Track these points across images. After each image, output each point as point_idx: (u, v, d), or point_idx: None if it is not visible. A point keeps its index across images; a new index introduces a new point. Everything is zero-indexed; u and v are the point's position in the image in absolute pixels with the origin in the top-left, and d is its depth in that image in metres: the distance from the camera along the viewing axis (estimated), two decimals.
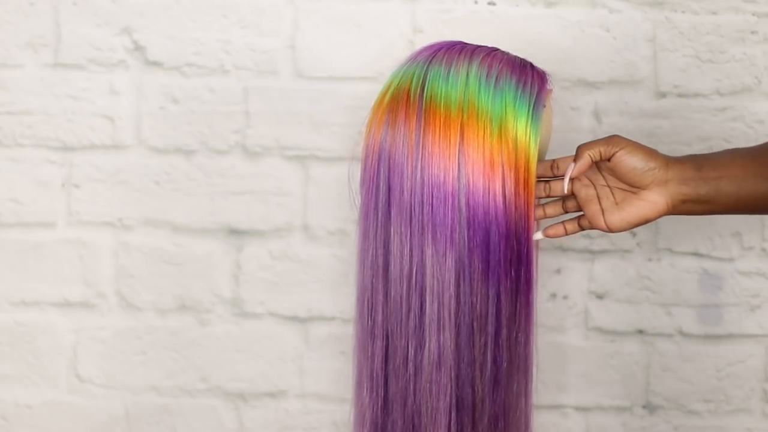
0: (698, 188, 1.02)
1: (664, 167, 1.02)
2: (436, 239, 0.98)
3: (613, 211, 1.03)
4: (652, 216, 1.02)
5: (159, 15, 1.37)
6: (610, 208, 1.03)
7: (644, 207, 1.02)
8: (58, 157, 1.39)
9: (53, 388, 1.41)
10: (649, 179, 1.01)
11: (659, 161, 1.02)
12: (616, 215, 1.03)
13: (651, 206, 1.02)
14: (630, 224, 1.03)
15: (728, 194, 1.02)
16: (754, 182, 1.02)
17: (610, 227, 1.03)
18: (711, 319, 1.38)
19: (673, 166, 1.02)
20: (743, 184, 1.02)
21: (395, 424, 1.02)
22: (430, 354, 0.99)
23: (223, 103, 1.37)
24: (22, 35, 1.37)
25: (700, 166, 1.02)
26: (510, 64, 1.02)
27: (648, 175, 1.01)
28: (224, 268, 1.39)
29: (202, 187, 1.38)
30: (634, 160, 1.01)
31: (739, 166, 1.02)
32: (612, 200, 1.04)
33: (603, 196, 1.04)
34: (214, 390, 1.41)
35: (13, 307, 1.40)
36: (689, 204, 1.02)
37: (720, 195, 1.02)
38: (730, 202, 1.02)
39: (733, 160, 1.03)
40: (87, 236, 1.39)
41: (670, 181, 1.02)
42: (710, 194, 1.02)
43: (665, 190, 1.02)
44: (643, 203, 1.02)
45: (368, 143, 1.02)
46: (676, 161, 1.03)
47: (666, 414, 1.39)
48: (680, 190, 1.02)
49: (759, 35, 1.34)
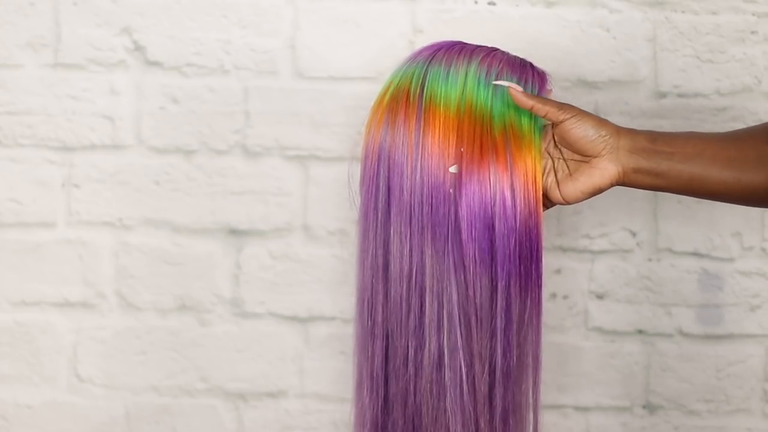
0: (650, 159, 1.01)
1: (615, 135, 1.01)
2: (436, 239, 0.98)
3: (567, 182, 1.03)
4: (605, 184, 1.02)
5: (159, 15, 1.37)
6: (564, 180, 1.03)
7: (596, 174, 1.02)
8: (58, 157, 1.39)
9: (53, 388, 1.41)
10: (600, 147, 1.01)
11: (610, 129, 1.02)
12: (570, 186, 1.02)
13: (602, 173, 1.01)
14: (584, 193, 1.02)
15: (680, 171, 1.01)
16: (708, 164, 1.02)
17: (566, 198, 1.03)
18: (711, 319, 1.38)
19: (625, 135, 1.02)
20: (696, 165, 1.02)
21: (395, 424, 1.02)
22: (430, 354, 0.99)
23: (223, 103, 1.37)
24: (22, 35, 1.37)
25: (654, 139, 1.02)
26: (510, 63, 1.02)
27: (599, 143, 1.01)
28: (224, 268, 1.39)
29: (202, 187, 1.38)
30: (585, 127, 1.01)
31: (694, 147, 1.02)
32: (566, 172, 1.03)
33: (558, 168, 1.04)
34: (214, 390, 1.41)
35: (13, 307, 1.40)
36: (641, 175, 1.02)
37: (672, 171, 1.02)
38: (682, 179, 1.02)
39: (689, 140, 1.03)
40: (87, 236, 1.39)
41: (622, 148, 1.01)
42: (662, 168, 1.02)
43: (616, 158, 1.01)
44: (594, 170, 1.02)
45: (368, 143, 1.02)
46: (629, 131, 1.03)
47: (666, 414, 1.39)
48: (632, 159, 1.01)
49: (759, 35, 1.34)
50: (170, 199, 1.39)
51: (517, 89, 0.99)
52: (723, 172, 1.02)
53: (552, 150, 1.04)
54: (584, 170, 1.02)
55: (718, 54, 1.34)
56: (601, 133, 1.01)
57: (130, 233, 1.39)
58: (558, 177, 1.03)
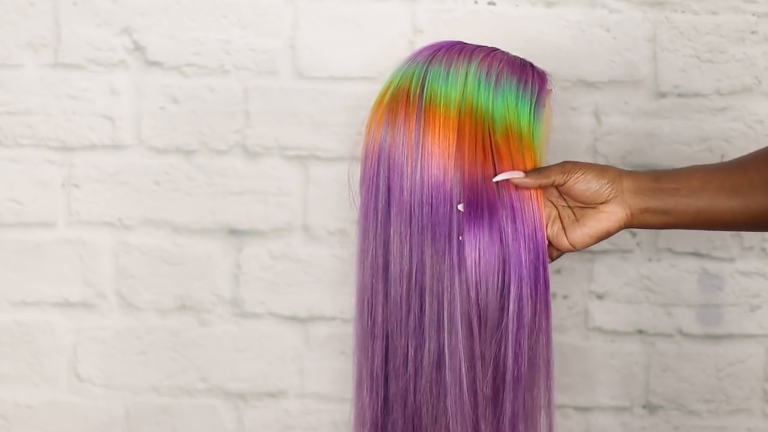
0: (655, 198, 1.01)
1: (618, 179, 1.01)
2: (435, 239, 0.98)
3: (575, 228, 1.03)
4: (613, 228, 1.02)
5: (159, 15, 1.37)
6: (571, 226, 1.03)
7: (603, 219, 1.02)
8: (58, 157, 1.39)
9: (53, 388, 1.41)
10: (605, 194, 1.01)
11: (612, 175, 1.01)
12: (578, 231, 1.02)
13: (610, 217, 1.01)
14: (592, 237, 1.02)
15: (687, 206, 1.01)
16: (714, 195, 1.01)
17: (573, 244, 1.03)
18: (711, 319, 1.38)
19: (628, 177, 1.02)
20: (702, 197, 1.01)
21: (395, 424, 1.02)
22: (430, 354, 0.99)
23: (223, 103, 1.37)
24: (22, 35, 1.37)
25: (657, 178, 1.02)
26: (510, 64, 1.02)
27: (603, 191, 1.01)
28: (224, 268, 1.39)
29: (202, 187, 1.38)
30: (587, 180, 1.01)
31: (698, 179, 1.02)
32: (573, 218, 1.03)
33: (564, 215, 1.04)
34: (214, 390, 1.41)
35: (13, 307, 1.41)
36: (648, 214, 1.02)
37: (679, 206, 1.01)
38: (690, 214, 1.02)
39: (692, 174, 1.03)
40: (87, 236, 1.39)
41: (626, 191, 1.01)
42: (668, 205, 1.01)
43: (622, 201, 1.01)
44: (602, 215, 1.01)
45: (368, 143, 1.02)
46: (631, 173, 1.03)
47: (666, 414, 1.39)
48: (638, 200, 1.01)
49: (759, 35, 1.34)
50: (170, 199, 1.39)
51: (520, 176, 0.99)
52: (730, 200, 1.01)
53: (555, 199, 1.04)
54: (591, 215, 1.02)
55: (718, 54, 1.34)
56: (603, 182, 1.01)
57: (130, 233, 1.39)
58: (564, 224, 1.03)
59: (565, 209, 1.04)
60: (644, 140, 1.35)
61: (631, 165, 1.35)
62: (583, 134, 1.35)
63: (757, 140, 1.34)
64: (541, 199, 1.00)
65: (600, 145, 1.36)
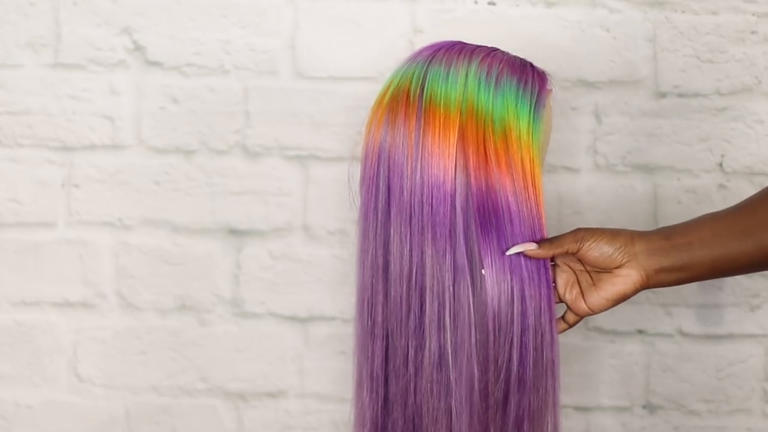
0: (669, 256, 1.02)
1: (630, 242, 1.02)
2: (435, 239, 0.98)
3: (592, 292, 1.03)
4: (630, 291, 1.02)
5: (159, 15, 1.37)
6: (588, 290, 1.04)
7: (619, 283, 1.02)
8: (58, 157, 1.39)
9: (53, 388, 1.41)
10: (619, 259, 1.02)
11: (624, 239, 1.02)
12: (595, 295, 1.03)
13: (625, 280, 1.02)
14: (610, 302, 1.03)
15: (702, 258, 1.02)
16: (726, 242, 1.02)
17: (592, 308, 1.04)
18: (711, 319, 1.38)
19: (639, 240, 1.02)
20: (716, 246, 1.02)
21: (396, 424, 1.02)
22: (430, 354, 0.99)
23: (223, 103, 1.37)
24: (22, 35, 1.37)
25: (668, 235, 1.03)
26: (510, 64, 1.02)
27: (617, 256, 1.02)
28: (224, 268, 1.39)
29: (202, 187, 1.38)
30: (600, 246, 1.02)
31: (709, 229, 1.02)
32: (590, 282, 1.04)
33: (581, 280, 1.05)
34: (214, 390, 1.41)
35: (13, 307, 1.41)
36: (663, 274, 1.02)
37: (694, 260, 1.02)
38: (705, 265, 1.02)
39: (702, 224, 1.03)
40: (87, 236, 1.39)
41: (640, 253, 1.02)
42: (683, 260, 1.02)
43: (637, 263, 1.02)
44: (618, 279, 1.02)
45: (368, 143, 1.02)
46: (642, 234, 1.03)
47: (666, 414, 1.39)
48: (652, 260, 1.02)
49: (759, 35, 1.34)
50: (170, 199, 1.39)
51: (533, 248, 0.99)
52: (743, 243, 1.02)
53: (573, 263, 1.04)
54: (607, 279, 1.03)
55: (718, 54, 1.34)
56: (616, 246, 1.01)
57: (130, 233, 1.39)
58: (582, 288, 1.04)
59: (582, 273, 1.05)
60: (644, 140, 1.35)
61: (631, 165, 1.35)
62: (583, 134, 1.35)
63: (757, 140, 1.35)
64: (540, 203, 1.00)
65: (600, 145, 1.36)
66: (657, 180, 1.36)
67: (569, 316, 1.05)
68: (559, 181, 1.36)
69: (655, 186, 1.36)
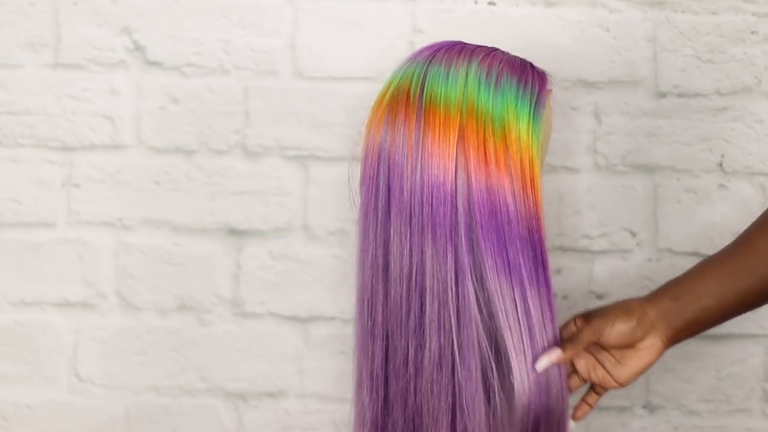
0: (682, 316, 1.04)
1: (643, 314, 1.04)
2: (436, 239, 0.98)
3: (618, 368, 1.06)
4: (654, 359, 1.05)
5: (159, 15, 1.37)
6: (614, 368, 1.06)
7: (644, 356, 1.05)
8: (58, 157, 1.39)
9: (53, 388, 1.41)
10: (639, 334, 1.04)
11: (637, 312, 1.04)
12: (622, 371, 1.06)
13: (650, 351, 1.05)
14: (638, 374, 1.06)
15: (713, 309, 1.04)
16: (732, 284, 1.04)
17: (621, 383, 1.06)
18: None
19: (650, 308, 1.05)
20: (724, 294, 1.04)
21: (396, 424, 1.02)
22: (430, 354, 0.99)
23: (223, 103, 1.37)
24: (22, 35, 1.37)
25: (676, 296, 1.05)
26: (510, 64, 1.02)
27: (636, 333, 1.04)
28: (224, 268, 1.39)
29: (202, 187, 1.38)
30: (617, 329, 1.04)
31: (712, 278, 1.05)
32: (614, 361, 1.06)
33: (603, 360, 1.07)
34: (214, 390, 1.41)
35: (13, 307, 1.40)
36: (682, 332, 1.05)
37: (706, 313, 1.05)
38: (718, 312, 1.05)
39: (705, 274, 1.06)
40: (87, 236, 1.39)
41: (656, 322, 1.04)
42: (696, 316, 1.04)
43: (655, 332, 1.05)
44: (642, 353, 1.05)
45: (368, 143, 1.02)
46: (652, 301, 1.05)
47: (666, 414, 1.39)
48: (668, 325, 1.04)
49: (759, 35, 1.34)
50: (170, 199, 1.39)
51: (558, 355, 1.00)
52: (749, 279, 1.04)
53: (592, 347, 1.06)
54: (632, 354, 1.05)
55: (718, 54, 1.34)
56: (633, 324, 1.04)
57: (130, 233, 1.39)
58: (607, 368, 1.07)
59: (602, 353, 1.06)
60: (644, 140, 1.35)
61: (631, 165, 1.35)
62: (583, 134, 1.35)
63: (758, 140, 1.35)
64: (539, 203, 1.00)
65: (600, 145, 1.36)
66: (657, 180, 1.36)
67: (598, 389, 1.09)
68: (559, 181, 1.36)
69: (655, 186, 1.36)
